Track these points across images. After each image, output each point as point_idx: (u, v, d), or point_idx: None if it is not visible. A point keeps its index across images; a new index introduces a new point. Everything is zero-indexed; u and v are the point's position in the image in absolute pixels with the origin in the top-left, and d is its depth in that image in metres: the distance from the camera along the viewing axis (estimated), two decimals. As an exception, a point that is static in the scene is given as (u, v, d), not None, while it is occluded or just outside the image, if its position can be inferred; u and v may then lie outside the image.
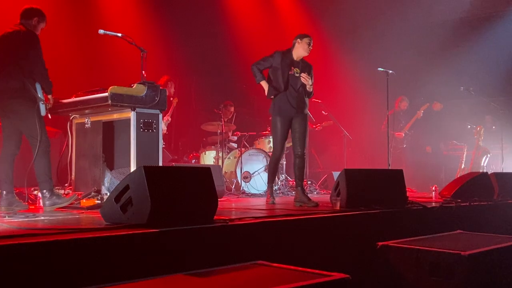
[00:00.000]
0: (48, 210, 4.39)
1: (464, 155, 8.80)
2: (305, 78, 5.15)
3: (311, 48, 5.30)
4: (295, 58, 5.31)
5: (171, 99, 7.62)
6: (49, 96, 4.61)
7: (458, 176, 7.54)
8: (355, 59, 9.96)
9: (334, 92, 9.50)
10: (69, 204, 4.55)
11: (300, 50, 5.27)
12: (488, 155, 8.74)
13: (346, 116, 9.39)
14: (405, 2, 9.87)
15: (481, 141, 8.74)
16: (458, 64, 9.67)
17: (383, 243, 3.58)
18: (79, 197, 4.68)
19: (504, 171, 7.82)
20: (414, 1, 9.89)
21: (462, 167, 8.75)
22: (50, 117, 4.76)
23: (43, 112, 4.47)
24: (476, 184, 5.76)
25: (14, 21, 4.59)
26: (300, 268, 2.63)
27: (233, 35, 9.67)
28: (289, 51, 5.34)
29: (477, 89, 8.58)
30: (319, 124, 8.84)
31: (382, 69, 6.59)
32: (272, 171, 5.45)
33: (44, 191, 4.45)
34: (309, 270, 2.58)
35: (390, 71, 6.60)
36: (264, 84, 5.28)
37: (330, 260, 3.62)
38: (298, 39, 5.27)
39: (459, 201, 5.39)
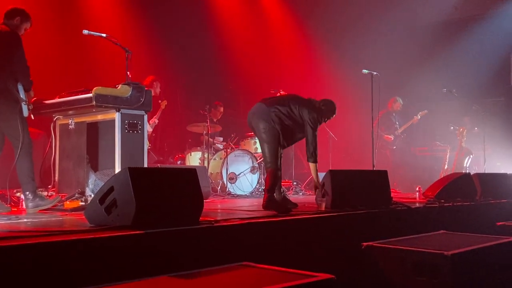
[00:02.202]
0: (31, 212, 4.34)
1: (447, 156, 8.90)
2: None
3: None
4: None
5: (160, 101, 7.57)
6: (30, 92, 4.55)
7: (442, 176, 7.62)
8: (341, 61, 10.01)
9: (319, 93, 9.52)
10: (53, 206, 4.51)
11: None
12: (471, 156, 8.85)
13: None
14: (389, 5, 9.96)
15: (464, 142, 8.85)
16: (441, 66, 9.80)
17: (368, 243, 3.61)
18: (63, 199, 4.63)
19: (486, 171, 7.92)
20: (399, 4, 9.98)
21: (445, 167, 8.85)
22: (33, 117, 4.71)
23: (25, 113, 4.43)
24: (459, 185, 5.83)
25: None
26: (286, 269, 2.64)
27: (219, 36, 9.66)
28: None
29: (460, 91, 8.68)
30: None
31: (367, 71, 6.63)
32: (274, 183, 4.76)
33: (27, 193, 4.39)
34: (294, 271, 2.59)
35: (375, 73, 6.65)
36: None
37: (316, 260, 3.63)
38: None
39: (442, 201, 5.45)
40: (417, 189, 6.25)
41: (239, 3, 9.99)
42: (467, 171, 7.96)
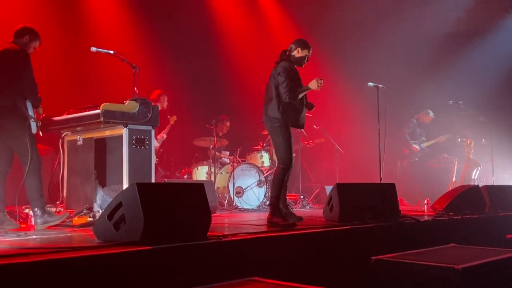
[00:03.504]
0: (40, 228, 4.35)
1: (455, 168, 8.86)
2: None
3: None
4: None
5: (169, 116, 7.60)
6: (39, 109, 4.60)
7: (450, 189, 7.57)
8: (346, 74, 10.03)
9: (325, 106, 9.54)
10: (61, 222, 4.52)
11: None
12: (479, 168, 8.80)
13: (338, 130, 9.43)
14: (394, 17, 10.00)
15: (472, 154, 8.80)
16: (447, 78, 9.79)
17: (376, 257, 3.58)
18: (71, 215, 4.64)
19: (494, 183, 7.87)
20: (404, 16, 10.01)
21: (453, 180, 8.80)
22: (41, 134, 4.74)
23: (34, 130, 4.46)
24: (468, 197, 5.79)
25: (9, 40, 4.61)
26: (295, 284, 2.62)
27: (224, 50, 9.72)
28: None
29: (466, 103, 8.66)
30: (311, 141, 8.87)
31: (372, 84, 6.64)
32: (280, 186, 4.72)
33: (36, 209, 4.41)
34: (304, 286, 2.57)
35: (381, 86, 6.65)
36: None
37: (325, 275, 3.61)
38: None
39: (451, 214, 5.41)
40: (425, 201, 6.22)
41: (245, 18, 10.06)
42: (476, 183, 7.91)
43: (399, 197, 5.10)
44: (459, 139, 9.04)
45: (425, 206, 6.14)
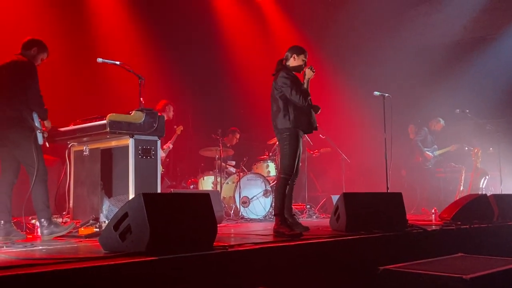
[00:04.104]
0: (46, 239, 4.36)
1: (463, 177, 8.80)
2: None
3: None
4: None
5: (175, 126, 7.62)
6: (46, 122, 4.62)
7: (457, 198, 7.52)
8: (352, 83, 10.04)
9: (331, 115, 9.55)
10: (67, 232, 4.52)
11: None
12: (487, 177, 8.74)
13: (344, 140, 9.42)
14: (400, 27, 10.01)
15: (479, 162, 8.75)
16: (453, 86, 9.76)
17: (384, 267, 3.55)
18: (77, 225, 4.65)
19: (503, 192, 7.81)
20: (409, 25, 10.02)
21: (461, 189, 8.74)
22: (48, 145, 4.76)
23: (40, 141, 4.48)
24: (476, 206, 5.75)
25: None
26: (302, 295, 2.60)
27: (230, 61, 9.75)
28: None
29: (473, 111, 8.63)
30: (316, 150, 8.85)
31: (378, 93, 6.63)
32: (283, 196, 4.72)
33: (42, 220, 4.42)
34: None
35: (387, 95, 6.64)
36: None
37: (331, 285, 3.59)
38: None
39: (459, 223, 5.37)
40: (432, 211, 6.17)
41: (251, 29, 10.09)
42: (484, 192, 7.85)
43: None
44: (466, 148, 9.00)
45: (433, 215, 6.10)
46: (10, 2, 6.86)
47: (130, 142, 4.56)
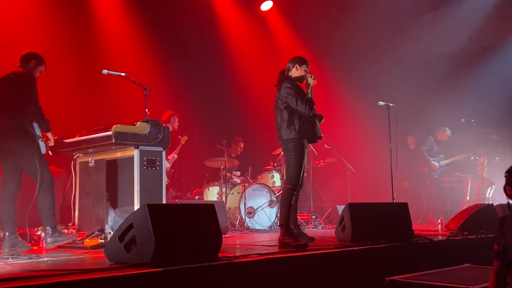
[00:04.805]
0: (49, 247, 4.36)
1: (469, 187, 8.75)
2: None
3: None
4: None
5: (179, 136, 7.63)
6: (49, 134, 4.63)
7: (464, 208, 7.48)
8: (357, 93, 10.04)
9: (336, 125, 9.55)
10: (71, 242, 4.52)
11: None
12: (493, 186, 8.69)
13: (349, 150, 9.40)
14: (405, 36, 10.02)
15: (485, 172, 8.70)
16: (458, 96, 9.74)
17: (390, 278, 3.53)
18: (83, 236, 4.65)
19: (509, 202, 7.74)
20: (414, 34, 10.03)
21: (467, 199, 8.69)
22: (51, 154, 4.76)
23: (43, 150, 4.48)
24: (483, 216, 5.70)
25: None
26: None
27: (235, 71, 9.79)
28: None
29: (478, 121, 8.60)
30: (322, 161, 8.84)
31: (383, 103, 6.63)
32: (288, 206, 4.70)
33: (47, 227, 4.42)
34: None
35: (391, 104, 6.64)
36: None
37: (337, 297, 3.57)
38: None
39: (466, 233, 5.33)
40: (439, 221, 6.14)
41: (256, 40, 10.13)
42: (490, 202, 7.79)
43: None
44: (472, 158, 8.96)
45: (439, 225, 6.06)
46: (16, 13, 6.92)
47: (135, 153, 4.57)
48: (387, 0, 9.59)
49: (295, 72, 5.00)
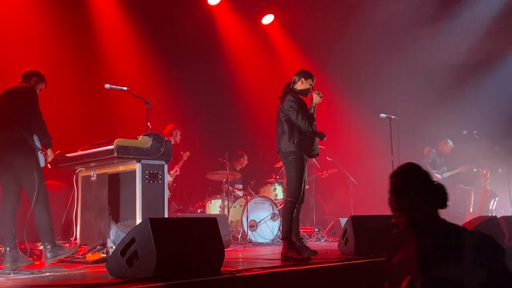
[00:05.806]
0: (51, 262, 4.34)
1: (472, 199, 8.72)
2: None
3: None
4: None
5: (182, 152, 7.64)
6: (49, 151, 4.61)
7: (467, 220, 7.43)
8: (359, 105, 10.05)
9: (338, 138, 9.55)
10: (73, 256, 4.50)
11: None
12: (496, 198, 8.65)
13: (351, 162, 9.39)
14: (405, 48, 10.06)
15: (488, 184, 8.67)
16: (460, 108, 9.74)
17: (394, 292, 3.50)
18: (85, 251, 4.63)
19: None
20: (415, 47, 10.07)
21: (471, 211, 8.65)
22: (49, 167, 4.76)
23: (42, 163, 4.47)
24: (486, 229, 5.65)
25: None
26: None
27: (237, 84, 9.82)
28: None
29: (480, 132, 8.59)
30: (325, 172, 8.83)
31: (384, 115, 6.64)
32: (290, 219, 4.72)
33: (46, 243, 4.39)
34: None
35: (393, 117, 6.64)
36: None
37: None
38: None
39: (469, 246, 5.29)
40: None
41: (258, 53, 10.18)
42: (493, 214, 7.75)
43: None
44: (475, 169, 8.93)
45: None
46: (19, 27, 6.97)
47: (137, 166, 4.57)
48: (387, 13, 9.64)
49: (300, 85, 5.03)
